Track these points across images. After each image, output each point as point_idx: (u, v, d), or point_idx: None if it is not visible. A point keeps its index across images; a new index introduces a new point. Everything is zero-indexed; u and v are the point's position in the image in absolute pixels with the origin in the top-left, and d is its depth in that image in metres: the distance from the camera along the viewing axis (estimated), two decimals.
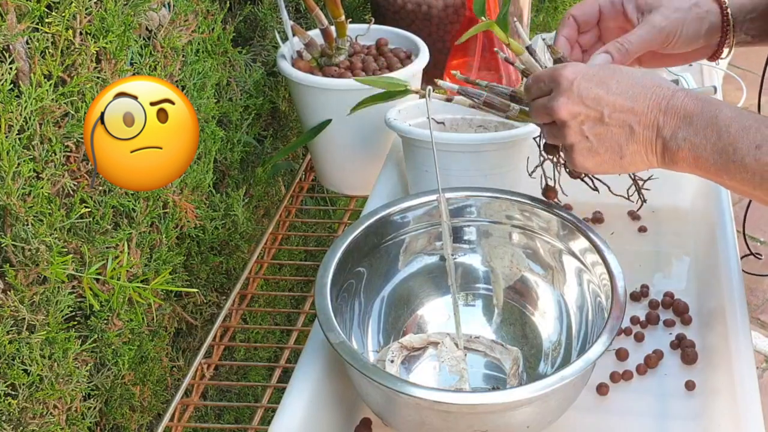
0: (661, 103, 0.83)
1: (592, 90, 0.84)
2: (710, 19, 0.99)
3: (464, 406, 0.80)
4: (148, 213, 1.07)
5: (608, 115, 0.84)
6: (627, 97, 0.83)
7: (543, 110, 0.87)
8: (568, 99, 0.84)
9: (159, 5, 1.08)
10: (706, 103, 0.83)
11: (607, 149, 0.85)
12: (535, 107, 0.89)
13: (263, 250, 1.31)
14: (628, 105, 0.83)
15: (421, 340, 0.97)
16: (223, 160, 1.31)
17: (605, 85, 0.84)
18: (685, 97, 0.83)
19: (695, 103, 0.83)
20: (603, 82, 0.84)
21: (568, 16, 0.98)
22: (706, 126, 0.81)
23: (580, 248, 0.95)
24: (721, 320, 0.97)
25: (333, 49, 1.29)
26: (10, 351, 0.88)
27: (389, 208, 0.99)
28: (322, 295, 0.88)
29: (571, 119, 0.85)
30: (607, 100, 0.84)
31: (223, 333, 1.19)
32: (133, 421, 1.14)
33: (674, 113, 0.83)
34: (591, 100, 0.84)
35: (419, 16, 1.45)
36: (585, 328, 0.93)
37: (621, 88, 0.84)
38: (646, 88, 0.84)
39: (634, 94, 0.83)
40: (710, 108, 0.82)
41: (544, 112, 0.87)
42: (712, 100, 0.83)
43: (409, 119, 1.16)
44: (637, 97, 0.83)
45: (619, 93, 0.84)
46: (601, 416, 0.94)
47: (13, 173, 0.84)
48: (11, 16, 0.83)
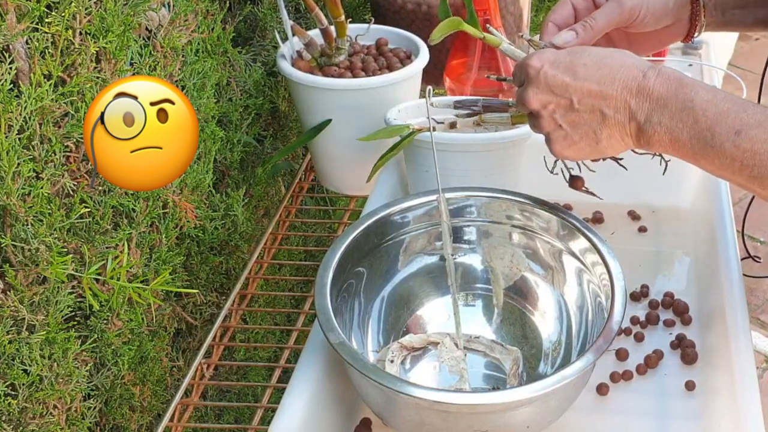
0: (631, 86, 0.81)
1: (559, 77, 0.82)
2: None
3: (464, 406, 0.80)
4: (148, 213, 1.07)
5: (578, 101, 0.82)
6: (595, 81, 0.81)
7: (518, 101, 0.86)
8: (537, 89, 0.83)
9: (159, 5, 1.08)
10: (680, 85, 0.80)
11: (582, 136, 0.84)
12: (516, 99, 0.88)
13: (263, 250, 1.31)
14: (596, 89, 0.81)
15: (421, 340, 0.97)
16: (223, 160, 1.31)
17: (572, 71, 0.82)
18: (656, 78, 0.80)
19: (668, 84, 0.80)
20: (570, 69, 0.82)
21: (547, 23, 0.97)
22: (681, 110, 0.79)
23: (580, 248, 0.95)
24: (721, 320, 0.97)
25: (333, 49, 1.29)
26: (10, 351, 0.88)
27: (389, 208, 0.99)
28: (322, 295, 0.88)
29: (542, 109, 0.84)
30: (575, 86, 0.82)
31: (223, 333, 1.19)
32: (133, 421, 1.14)
33: (646, 95, 0.80)
34: (559, 87, 0.82)
35: (419, 16, 1.45)
36: (585, 328, 0.93)
37: (589, 73, 0.82)
38: (614, 69, 0.81)
39: (601, 77, 0.81)
40: (685, 90, 0.80)
41: (519, 102, 0.86)
42: (685, 80, 0.80)
43: (409, 119, 1.16)
44: (605, 80, 0.81)
45: (587, 78, 0.82)
46: (601, 416, 0.94)
47: (13, 173, 0.84)
48: (11, 16, 0.83)
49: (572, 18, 0.98)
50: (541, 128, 0.85)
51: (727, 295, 0.99)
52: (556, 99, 0.83)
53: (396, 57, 1.32)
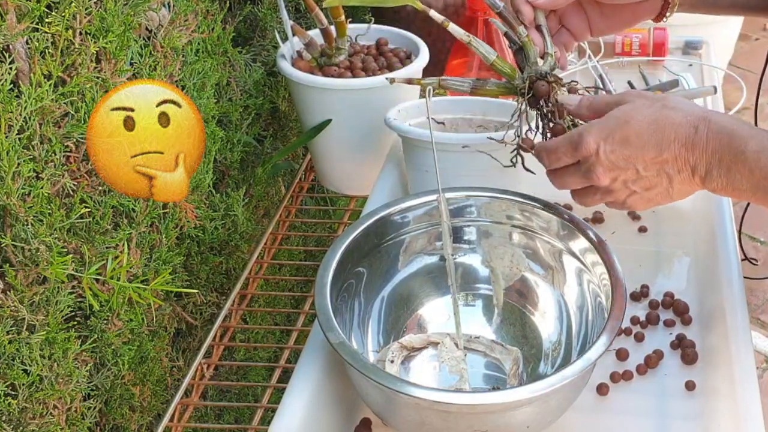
0: (686, 143, 0.83)
1: (618, 152, 0.85)
2: None
3: (464, 406, 0.80)
4: (148, 213, 1.07)
5: (643, 169, 0.85)
6: (652, 146, 0.84)
7: (579, 182, 0.89)
8: (602, 167, 0.86)
9: (159, 5, 1.08)
10: (731, 137, 0.82)
11: (657, 194, 0.87)
12: (563, 178, 0.90)
13: (263, 250, 1.31)
14: (656, 155, 0.84)
15: (421, 340, 0.97)
16: (223, 160, 1.31)
17: (627, 142, 0.84)
18: (707, 131, 0.83)
19: (719, 138, 0.82)
20: (625, 141, 0.84)
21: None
22: (734, 162, 0.82)
23: (580, 248, 0.95)
24: (721, 320, 0.97)
25: (333, 49, 1.29)
26: (10, 351, 0.88)
27: (389, 208, 0.99)
28: (322, 295, 0.88)
29: (613, 183, 0.87)
30: (636, 155, 0.84)
31: (223, 333, 1.19)
32: (133, 421, 1.14)
33: (702, 151, 0.83)
34: (622, 161, 0.85)
35: (419, 16, 1.44)
36: (585, 328, 0.93)
37: (643, 140, 0.84)
38: (667, 131, 0.83)
39: (658, 141, 0.84)
40: (736, 143, 0.82)
41: (580, 182, 0.89)
42: (737, 130, 0.82)
43: (409, 119, 1.16)
44: (662, 144, 0.84)
45: (644, 146, 0.84)
46: (601, 416, 0.94)
47: (13, 173, 0.84)
48: (11, 16, 0.83)
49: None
50: (618, 198, 0.89)
51: (727, 295, 0.99)
52: (624, 172, 0.86)
53: (396, 57, 1.32)
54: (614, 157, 0.85)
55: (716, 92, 1.53)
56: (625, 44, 1.60)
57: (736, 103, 1.51)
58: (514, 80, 0.95)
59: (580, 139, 0.85)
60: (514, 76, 0.95)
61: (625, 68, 1.58)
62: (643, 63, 1.60)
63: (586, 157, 0.86)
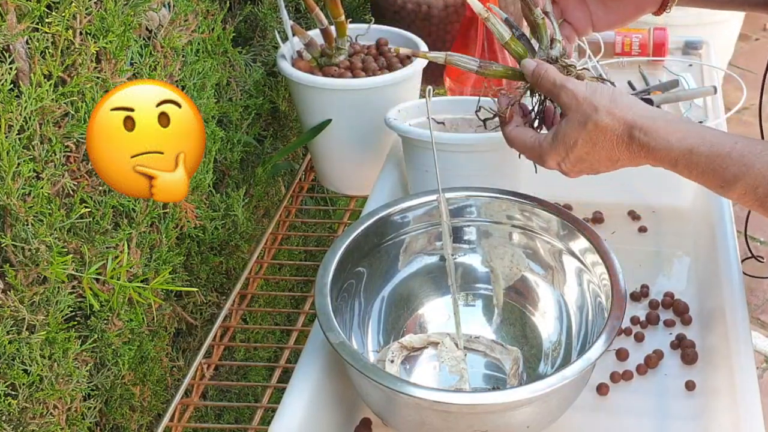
0: (626, 142, 0.86)
1: (578, 165, 0.89)
2: None
3: (464, 406, 0.80)
4: (148, 213, 1.07)
5: (603, 168, 0.89)
6: (605, 158, 0.88)
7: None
8: (568, 173, 0.91)
9: (159, 5, 1.08)
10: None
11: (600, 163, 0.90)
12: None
13: (263, 250, 1.31)
14: (610, 164, 0.88)
15: (421, 340, 0.97)
16: (223, 160, 1.31)
17: (581, 159, 0.88)
18: (640, 133, 0.85)
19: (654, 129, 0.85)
20: (579, 158, 0.88)
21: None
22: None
23: (580, 248, 0.95)
24: (721, 320, 0.97)
25: (333, 49, 1.29)
26: (10, 351, 0.88)
27: (389, 208, 0.99)
28: (322, 295, 0.88)
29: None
30: (593, 163, 0.89)
31: (223, 333, 1.19)
32: (133, 421, 1.14)
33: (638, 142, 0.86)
34: (584, 167, 0.90)
35: (419, 16, 1.45)
36: (585, 328, 0.93)
37: (594, 157, 0.88)
38: (605, 142, 0.86)
39: (608, 155, 0.87)
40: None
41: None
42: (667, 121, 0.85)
43: (409, 119, 1.16)
44: (612, 153, 0.87)
45: (598, 159, 0.88)
46: (601, 416, 0.94)
47: (13, 173, 0.84)
48: (11, 16, 0.83)
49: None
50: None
51: (727, 295, 0.99)
52: (584, 171, 0.91)
53: (396, 57, 1.32)
54: (576, 168, 0.90)
55: (716, 92, 1.53)
56: (625, 44, 1.60)
57: (736, 103, 1.51)
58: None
59: (542, 160, 0.91)
60: (526, 58, 0.94)
61: (625, 68, 1.58)
62: (643, 63, 1.60)
63: (551, 169, 0.92)
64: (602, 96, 0.86)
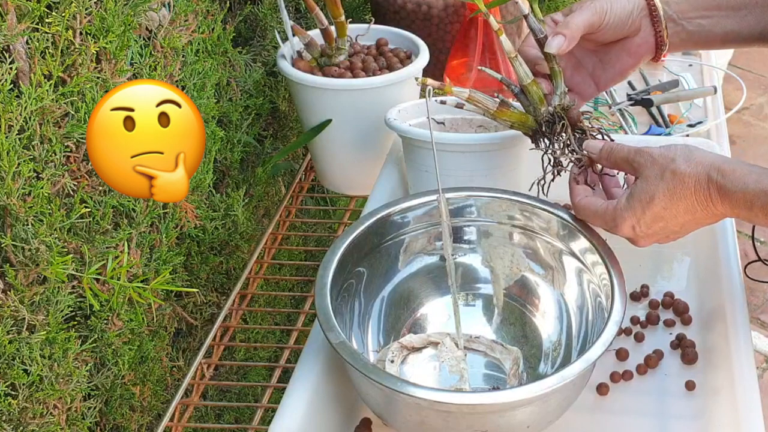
0: (705, 192, 0.86)
1: (654, 226, 0.89)
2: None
3: (464, 406, 0.80)
4: (148, 213, 1.07)
5: (680, 228, 0.90)
6: (683, 211, 0.87)
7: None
8: (644, 240, 0.92)
9: (159, 5, 1.08)
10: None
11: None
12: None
13: (263, 250, 1.31)
14: (690, 217, 0.88)
15: (421, 340, 0.97)
16: (223, 160, 1.31)
17: (658, 217, 0.88)
18: (718, 178, 0.84)
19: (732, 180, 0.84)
20: (656, 217, 0.88)
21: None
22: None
23: (580, 248, 0.95)
24: (721, 320, 0.97)
25: (333, 49, 1.29)
26: (10, 351, 0.88)
27: (389, 208, 0.99)
28: (322, 295, 0.88)
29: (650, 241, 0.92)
30: (671, 222, 0.88)
31: (223, 333, 1.19)
32: (133, 421, 1.14)
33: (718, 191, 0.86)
34: (660, 230, 0.90)
35: (419, 16, 1.45)
36: (585, 328, 0.93)
37: (672, 211, 0.88)
38: (686, 192, 0.86)
39: (687, 207, 0.87)
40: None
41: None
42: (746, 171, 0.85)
43: (409, 119, 1.16)
44: (692, 207, 0.87)
45: (675, 214, 0.88)
46: (601, 416, 0.94)
47: (13, 173, 0.84)
48: (11, 16, 0.83)
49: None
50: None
51: (727, 295, 0.99)
52: (662, 237, 0.91)
53: (396, 57, 1.32)
54: (651, 231, 0.89)
55: (716, 92, 1.53)
56: None
57: (736, 103, 1.51)
58: (541, 107, 0.97)
59: (615, 224, 0.90)
60: (543, 104, 0.97)
61: None
62: (643, 63, 1.60)
63: (624, 236, 0.92)
64: (677, 148, 0.87)
